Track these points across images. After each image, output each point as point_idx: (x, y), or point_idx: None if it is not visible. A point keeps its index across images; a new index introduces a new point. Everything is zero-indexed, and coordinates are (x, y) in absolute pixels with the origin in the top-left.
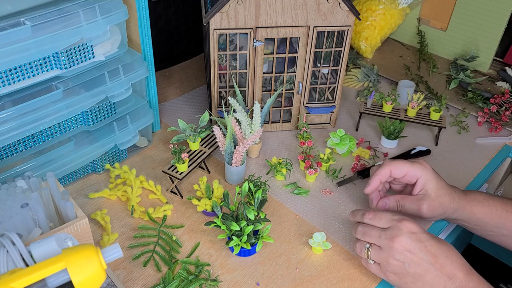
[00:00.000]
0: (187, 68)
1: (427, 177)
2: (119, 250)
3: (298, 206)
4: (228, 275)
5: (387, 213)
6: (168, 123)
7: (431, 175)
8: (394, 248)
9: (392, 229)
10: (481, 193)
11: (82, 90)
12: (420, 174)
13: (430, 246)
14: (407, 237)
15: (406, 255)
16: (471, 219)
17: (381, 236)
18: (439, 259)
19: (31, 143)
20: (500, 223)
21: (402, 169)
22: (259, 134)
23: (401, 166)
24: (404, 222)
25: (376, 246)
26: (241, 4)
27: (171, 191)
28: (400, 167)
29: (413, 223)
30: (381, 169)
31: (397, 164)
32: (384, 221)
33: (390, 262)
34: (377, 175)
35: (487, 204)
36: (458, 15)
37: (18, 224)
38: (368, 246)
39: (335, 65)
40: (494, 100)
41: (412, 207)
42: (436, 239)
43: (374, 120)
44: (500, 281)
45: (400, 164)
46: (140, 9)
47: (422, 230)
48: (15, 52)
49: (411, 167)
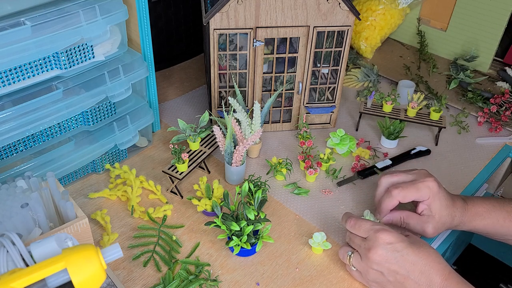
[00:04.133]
0: (187, 68)
1: (432, 198)
2: (119, 250)
3: (298, 206)
4: (228, 275)
5: (366, 222)
6: (168, 123)
7: (436, 195)
8: (371, 259)
9: (369, 240)
10: (483, 204)
11: (82, 90)
12: (427, 197)
13: (407, 255)
14: (382, 248)
15: (384, 265)
16: (475, 230)
17: (361, 245)
18: (417, 266)
19: (31, 143)
20: (504, 232)
21: (409, 197)
22: (259, 134)
23: (409, 195)
24: (380, 233)
25: (358, 254)
26: (241, 4)
27: (171, 191)
28: (408, 196)
29: (389, 234)
30: (389, 200)
31: (405, 193)
32: (363, 230)
33: (369, 272)
34: (387, 207)
35: (488, 216)
36: (458, 15)
37: (18, 224)
38: (350, 254)
39: (335, 65)
40: (494, 100)
41: (416, 227)
42: (415, 246)
43: (374, 120)
44: (500, 281)
45: (407, 194)
46: (140, 9)
47: (399, 239)
48: (15, 52)
49: (418, 193)
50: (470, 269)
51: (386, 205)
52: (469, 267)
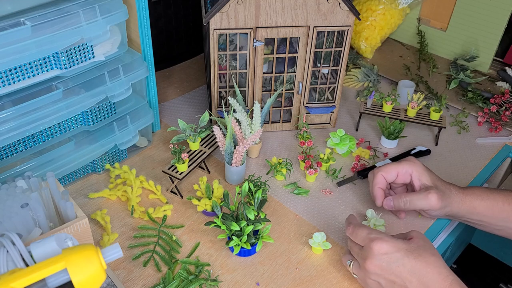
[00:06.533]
0: (187, 68)
1: (419, 171)
2: (119, 250)
3: (298, 206)
4: (228, 275)
5: (363, 230)
6: (168, 123)
7: (421, 168)
8: (367, 270)
9: (365, 250)
10: (480, 188)
11: (82, 90)
12: (411, 169)
13: (403, 265)
14: (377, 259)
15: (380, 275)
16: (473, 214)
17: (358, 254)
18: (415, 276)
19: (31, 143)
20: (504, 217)
21: (392, 171)
22: (259, 134)
23: (391, 169)
24: (375, 242)
25: (357, 262)
26: (241, 4)
27: (171, 191)
28: (390, 170)
29: (384, 243)
30: (375, 178)
31: (386, 168)
32: (360, 238)
33: (367, 281)
34: (376, 185)
35: (486, 197)
36: (458, 15)
37: (18, 224)
38: (350, 263)
39: (335, 65)
40: (494, 100)
41: (420, 201)
42: (412, 254)
43: (374, 120)
44: (500, 281)
45: (388, 167)
46: (140, 9)
47: (395, 248)
48: (15, 52)
49: (400, 166)
50: (470, 269)
51: (373, 186)
52: (469, 267)
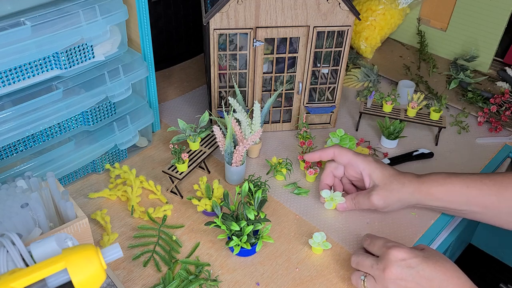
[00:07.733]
0: (187, 68)
1: (370, 168)
2: (119, 250)
3: (298, 206)
4: (228, 275)
5: (380, 240)
6: (168, 123)
7: (373, 165)
8: (386, 279)
9: (382, 259)
10: (439, 173)
11: (82, 90)
12: (363, 167)
13: (422, 271)
14: (397, 266)
15: (400, 283)
16: (432, 201)
17: (373, 266)
18: (434, 282)
19: (31, 143)
20: (465, 200)
21: (345, 156)
22: (259, 134)
23: (345, 153)
24: (392, 250)
25: (371, 276)
26: (241, 4)
27: (171, 191)
28: (344, 154)
29: (401, 250)
30: (326, 148)
31: (342, 149)
32: (377, 248)
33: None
34: (321, 152)
35: (444, 182)
36: (458, 15)
37: (18, 224)
38: (364, 278)
39: (335, 65)
40: (494, 100)
41: (364, 202)
42: (430, 261)
43: (374, 120)
44: (500, 281)
45: (344, 151)
46: (140, 9)
47: (412, 255)
48: (15, 52)
49: (354, 157)
50: (470, 269)
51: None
52: (469, 267)
